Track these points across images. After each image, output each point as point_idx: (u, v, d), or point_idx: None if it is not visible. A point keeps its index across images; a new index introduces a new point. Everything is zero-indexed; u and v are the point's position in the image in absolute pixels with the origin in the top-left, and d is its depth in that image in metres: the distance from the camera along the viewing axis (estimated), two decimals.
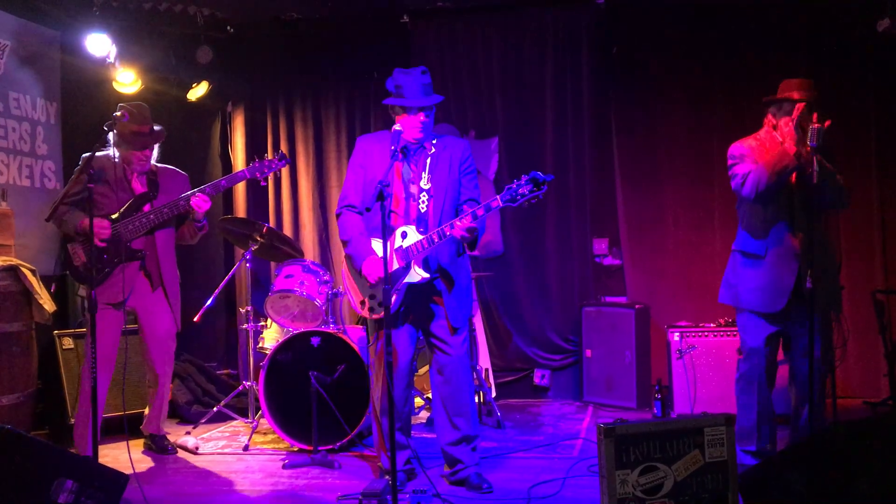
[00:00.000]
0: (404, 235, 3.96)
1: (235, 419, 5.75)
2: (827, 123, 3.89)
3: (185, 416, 5.97)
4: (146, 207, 4.79)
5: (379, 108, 6.79)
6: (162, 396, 5.03)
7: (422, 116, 3.98)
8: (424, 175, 4.04)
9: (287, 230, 6.88)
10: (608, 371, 6.07)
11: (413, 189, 4.04)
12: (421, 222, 3.99)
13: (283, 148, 6.95)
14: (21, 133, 5.93)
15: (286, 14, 6.82)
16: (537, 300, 6.57)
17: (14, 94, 5.91)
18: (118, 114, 4.79)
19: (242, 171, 4.92)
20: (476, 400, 5.65)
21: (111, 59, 6.12)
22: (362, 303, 4.08)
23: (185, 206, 4.76)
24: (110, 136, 4.73)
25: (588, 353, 6.20)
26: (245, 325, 5.64)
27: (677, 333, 5.48)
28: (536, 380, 6.51)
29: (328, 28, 6.82)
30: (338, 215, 4.17)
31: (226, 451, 5.09)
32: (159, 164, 5.01)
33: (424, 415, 5.85)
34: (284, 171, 6.86)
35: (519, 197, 3.58)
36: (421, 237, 3.91)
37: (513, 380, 6.57)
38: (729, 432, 3.06)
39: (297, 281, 5.23)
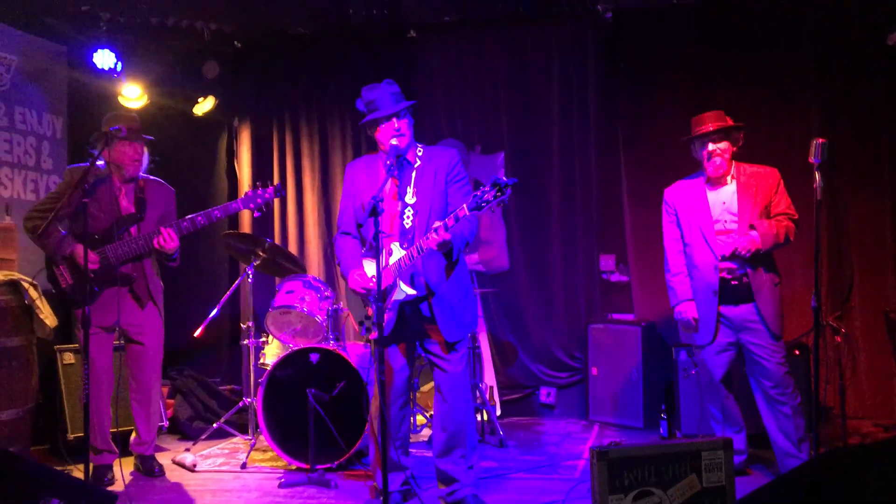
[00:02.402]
0: (389, 253, 3.90)
1: (236, 436, 5.69)
2: (822, 140, 3.81)
3: (186, 431, 5.93)
4: (133, 229, 4.71)
5: None
6: (154, 415, 4.95)
7: (395, 122, 3.93)
8: (409, 189, 3.98)
9: (292, 245, 6.85)
10: (614, 389, 5.97)
11: (398, 205, 3.99)
12: (405, 238, 3.92)
13: (290, 163, 6.93)
14: (26, 147, 5.95)
15: (293, 29, 6.82)
16: (543, 317, 6.49)
17: (20, 108, 5.93)
18: (105, 121, 4.75)
19: (235, 202, 4.72)
20: (479, 418, 5.60)
21: (117, 74, 6.15)
22: (360, 323, 4.02)
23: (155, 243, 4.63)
24: (98, 148, 4.65)
25: (594, 370, 6.10)
26: (246, 341, 5.60)
27: (684, 351, 5.37)
28: (542, 398, 6.41)
29: (334, 44, 6.81)
30: (334, 242, 4.15)
31: (223, 468, 5.03)
32: (148, 176, 4.90)
33: (427, 433, 5.77)
34: (290, 187, 6.90)
35: (483, 203, 3.50)
36: (404, 253, 3.86)
37: (518, 397, 6.49)
38: (727, 456, 2.97)
39: (298, 297, 5.19)
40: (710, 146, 4.41)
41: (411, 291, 3.88)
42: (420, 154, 4.06)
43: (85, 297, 4.42)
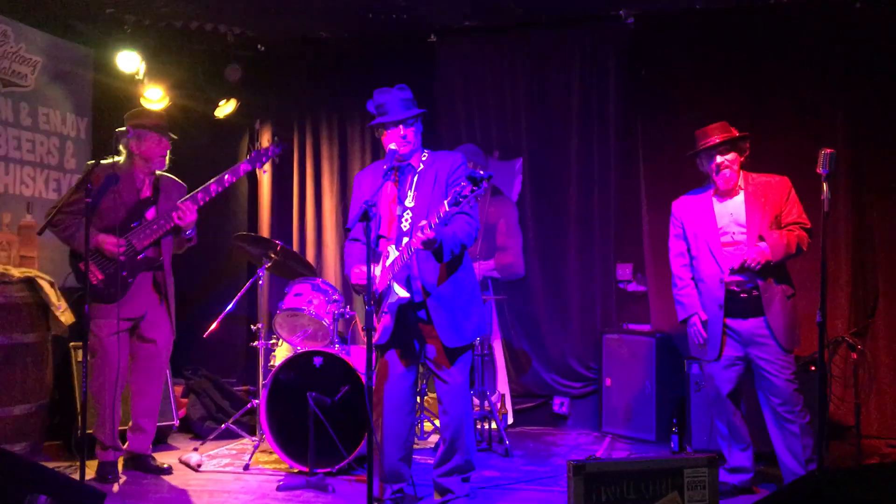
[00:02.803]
0: (387, 256, 3.88)
1: (244, 437, 5.72)
2: (830, 151, 3.70)
3: (198, 431, 5.98)
4: (149, 213, 4.76)
5: None
6: (153, 414, 4.98)
7: (401, 129, 3.92)
8: (410, 193, 3.96)
9: (310, 248, 6.87)
10: (627, 401, 5.87)
11: (398, 209, 3.96)
12: (401, 241, 3.89)
13: (309, 166, 6.96)
14: (49, 147, 6.06)
15: (315, 33, 6.85)
16: (558, 325, 6.41)
17: (44, 109, 6.04)
18: (130, 116, 4.82)
19: (243, 163, 4.84)
20: (486, 426, 5.54)
21: (140, 76, 6.24)
22: (364, 328, 4.00)
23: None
24: (122, 143, 4.73)
25: (608, 381, 6.01)
26: (255, 343, 5.62)
27: (696, 365, 5.26)
28: (555, 408, 6.33)
29: (356, 47, 6.82)
30: (345, 247, 4.16)
31: (227, 469, 5.05)
32: (163, 174, 4.97)
33: (434, 439, 5.71)
34: (309, 190, 6.93)
35: (461, 199, 3.46)
36: (397, 254, 3.83)
37: (531, 406, 6.41)
38: (711, 474, 2.88)
39: (306, 300, 5.19)
40: (718, 158, 4.32)
41: (405, 294, 3.84)
42: (424, 159, 4.04)
43: (117, 289, 4.56)
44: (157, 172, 4.90)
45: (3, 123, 5.71)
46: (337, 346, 5.03)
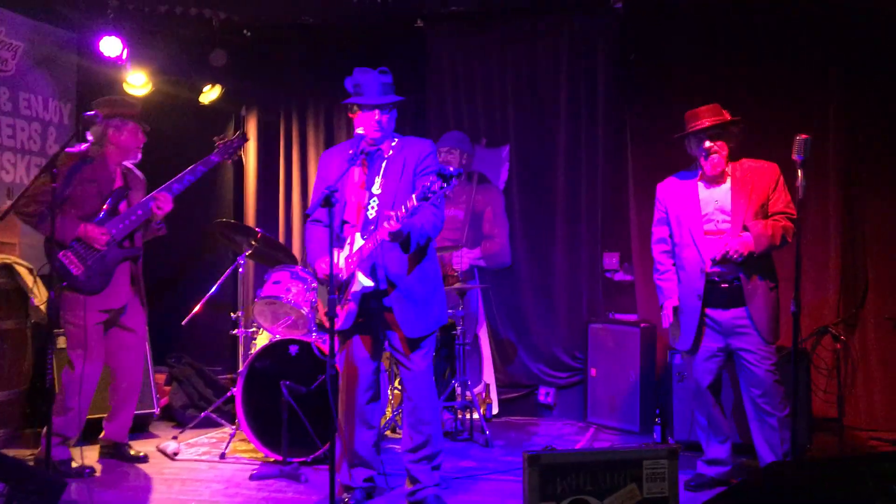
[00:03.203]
0: (353, 243, 3.81)
1: (224, 425, 5.67)
2: (805, 136, 3.61)
3: (180, 419, 5.94)
4: (122, 203, 4.71)
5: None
6: (133, 403, 4.93)
7: (377, 114, 3.84)
8: (377, 180, 3.89)
9: (296, 235, 6.82)
10: (612, 392, 5.80)
11: (366, 196, 3.89)
12: (367, 229, 3.83)
13: (295, 153, 6.90)
14: (31, 133, 6.01)
15: (302, 18, 6.77)
16: (544, 314, 6.34)
17: (25, 94, 5.99)
18: (105, 103, 4.75)
19: (213, 155, 4.85)
20: (468, 416, 5.49)
21: (123, 62, 6.18)
22: (326, 313, 3.95)
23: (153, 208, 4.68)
24: (94, 129, 4.66)
25: (593, 371, 5.94)
26: (235, 331, 5.57)
27: (679, 355, 5.18)
28: (540, 398, 6.27)
29: (343, 33, 6.73)
30: (306, 227, 4.07)
31: (203, 458, 5.02)
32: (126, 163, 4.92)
33: None
34: (295, 177, 6.88)
35: (430, 194, 3.41)
36: (363, 243, 3.76)
37: (517, 396, 6.34)
38: (671, 466, 2.81)
39: (285, 287, 5.12)
40: (707, 143, 4.20)
41: (368, 283, 3.79)
42: (394, 145, 3.97)
43: (99, 280, 4.55)
44: (125, 163, 4.83)
45: None
46: (314, 334, 4.98)
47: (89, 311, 4.55)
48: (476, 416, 5.52)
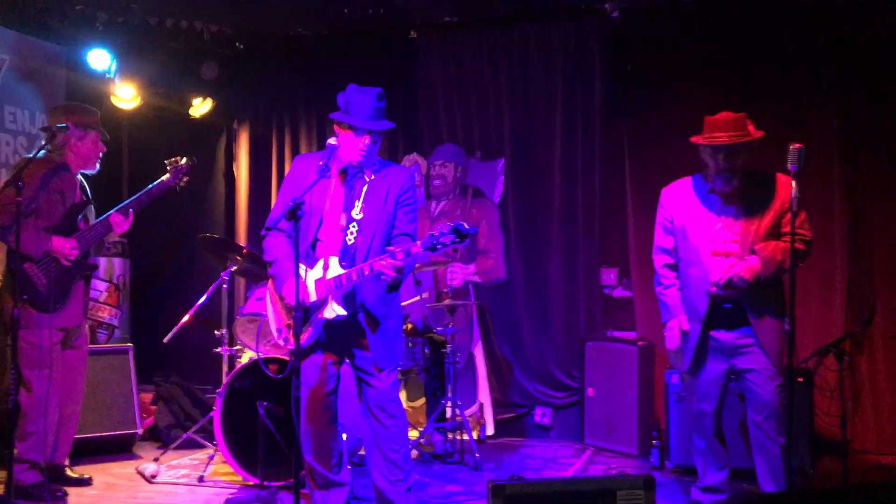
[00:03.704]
0: (326, 267, 3.64)
1: (207, 446, 5.50)
2: (799, 145, 3.40)
3: (165, 440, 5.78)
4: (80, 220, 4.59)
5: None
6: (75, 423, 4.76)
7: (367, 139, 3.67)
8: (357, 204, 3.72)
9: None
10: (609, 413, 5.58)
11: (343, 217, 3.73)
12: (346, 255, 3.67)
13: (288, 166, 6.75)
14: (16, 147, 5.91)
15: (294, 30, 6.67)
16: (540, 332, 6.14)
17: (10, 108, 5.90)
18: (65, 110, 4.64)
19: (166, 179, 4.76)
20: (458, 438, 5.30)
21: (111, 75, 6.09)
22: (280, 330, 3.78)
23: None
24: (59, 140, 4.52)
25: (590, 391, 5.72)
26: (219, 349, 5.41)
27: (677, 374, 4.97)
28: (536, 418, 6.06)
29: (335, 45, 6.62)
30: (263, 236, 3.88)
31: (181, 480, 4.86)
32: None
33: (415, 453, 5.41)
34: None
35: (439, 245, 3.35)
36: (342, 272, 3.59)
37: (512, 417, 6.14)
38: (648, 497, 2.61)
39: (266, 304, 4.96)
40: (723, 163, 3.86)
41: (342, 312, 3.64)
42: (376, 169, 3.81)
43: (56, 296, 4.40)
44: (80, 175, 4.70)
45: None
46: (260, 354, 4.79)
47: (45, 330, 4.39)
48: (466, 437, 5.32)
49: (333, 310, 3.61)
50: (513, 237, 6.21)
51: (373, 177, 3.76)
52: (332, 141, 3.74)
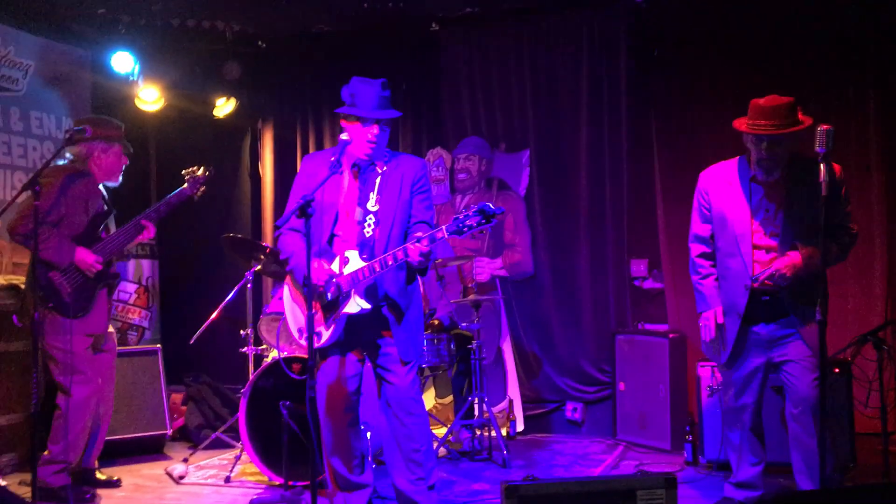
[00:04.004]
0: (346, 261, 3.59)
1: (235, 446, 5.50)
2: (827, 127, 3.25)
3: (195, 440, 5.79)
4: (102, 231, 4.62)
5: (408, 120, 6.50)
6: (105, 426, 4.79)
7: (375, 129, 3.63)
8: (372, 196, 3.67)
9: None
10: (641, 407, 5.46)
11: (359, 211, 3.68)
12: (365, 248, 3.62)
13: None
14: (42, 152, 5.95)
15: (316, 27, 6.63)
16: (570, 326, 6.04)
17: (37, 113, 5.95)
18: (93, 123, 4.64)
19: (185, 188, 4.77)
20: (487, 434, 5.23)
21: (134, 77, 6.12)
22: (300, 331, 3.74)
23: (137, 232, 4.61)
24: (77, 149, 4.54)
25: (621, 385, 5.61)
26: (244, 349, 5.40)
27: (709, 367, 4.84)
28: (567, 413, 5.96)
29: (358, 40, 6.57)
30: (276, 237, 3.85)
31: (209, 481, 4.86)
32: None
33: (443, 451, 5.34)
34: None
35: (465, 228, 3.29)
36: (363, 264, 3.54)
37: (543, 412, 6.05)
38: (670, 496, 2.52)
39: None
40: (765, 152, 3.68)
41: (366, 306, 3.58)
42: (387, 160, 3.76)
43: (81, 304, 4.45)
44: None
45: None
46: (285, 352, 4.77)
47: (76, 336, 4.42)
48: (494, 434, 5.24)
49: (357, 304, 3.55)
50: (539, 229, 6.12)
51: (385, 168, 3.71)
52: (344, 136, 3.68)
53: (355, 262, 3.57)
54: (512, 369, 6.06)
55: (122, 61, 6.10)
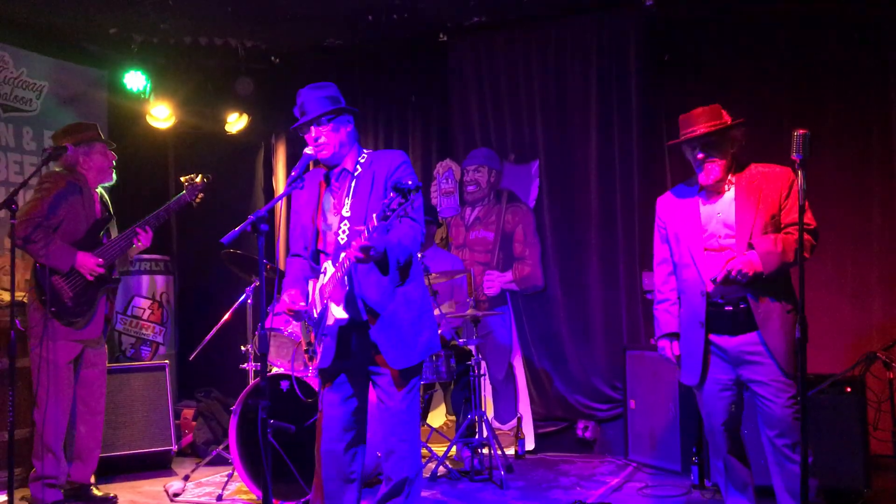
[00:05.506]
0: (324, 273, 3.50)
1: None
2: (804, 132, 3.05)
3: (203, 456, 5.78)
4: (104, 236, 4.65)
5: (417, 130, 6.45)
6: (99, 440, 4.78)
7: (313, 131, 3.53)
8: (347, 202, 3.55)
9: None
10: (652, 426, 5.25)
11: (333, 220, 3.58)
12: (337, 255, 3.51)
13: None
14: None
15: (326, 41, 6.61)
16: (581, 341, 5.86)
17: (50, 133, 6.04)
18: (58, 139, 4.70)
19: (184, 195, 4.80)
20: (487, 454, 5.08)
21: (146, 95, 6.19)
22: (306, 350, 3.65)
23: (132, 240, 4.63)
24: (62, 161, 4.58)
25: (632, 403, 5.40)
26: (244, 365, 5.37)
27: None
28: (578, 432, 5.77)
29: (368, 53, 6.56)
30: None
31: (202, 499, 4.82)
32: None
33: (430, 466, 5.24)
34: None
35: (389, 212, 3.06)
36: (333, 270, 3.45)
37: (554, 431, 5.88)
38: None
39: (285, 319, 4.89)
40: (700, 154, 3.62)
41: (342, 315, 3.42)
42: (362, 161, 3.64)
43: (81, 309, 4.52)
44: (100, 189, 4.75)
45: (2, 149, 5.74)
46: (311, 370, 4.70)
47: (66, 343, 4.47)
48: (497, 452, 5.08)
49: (333, 313, 3.42)
50: (549, 242, 5.97)
51: (359, 170, 3.60)
52: (308, 150, 3.60)
53: (330, 271, 3.47)
54: (523, 386, 5.91)
55: (135, 80, 6.18)
